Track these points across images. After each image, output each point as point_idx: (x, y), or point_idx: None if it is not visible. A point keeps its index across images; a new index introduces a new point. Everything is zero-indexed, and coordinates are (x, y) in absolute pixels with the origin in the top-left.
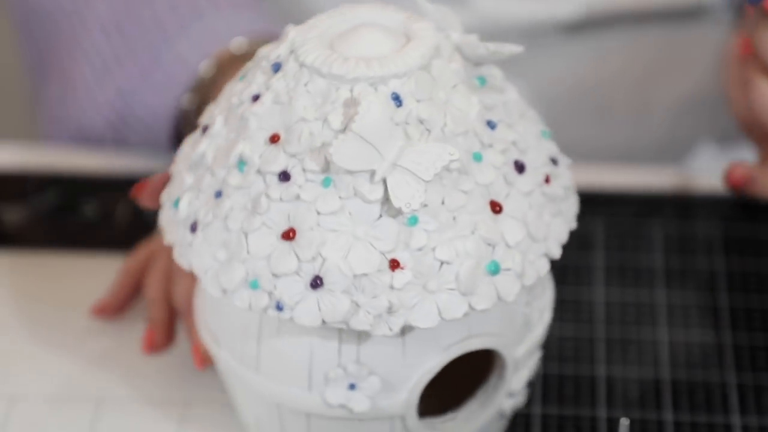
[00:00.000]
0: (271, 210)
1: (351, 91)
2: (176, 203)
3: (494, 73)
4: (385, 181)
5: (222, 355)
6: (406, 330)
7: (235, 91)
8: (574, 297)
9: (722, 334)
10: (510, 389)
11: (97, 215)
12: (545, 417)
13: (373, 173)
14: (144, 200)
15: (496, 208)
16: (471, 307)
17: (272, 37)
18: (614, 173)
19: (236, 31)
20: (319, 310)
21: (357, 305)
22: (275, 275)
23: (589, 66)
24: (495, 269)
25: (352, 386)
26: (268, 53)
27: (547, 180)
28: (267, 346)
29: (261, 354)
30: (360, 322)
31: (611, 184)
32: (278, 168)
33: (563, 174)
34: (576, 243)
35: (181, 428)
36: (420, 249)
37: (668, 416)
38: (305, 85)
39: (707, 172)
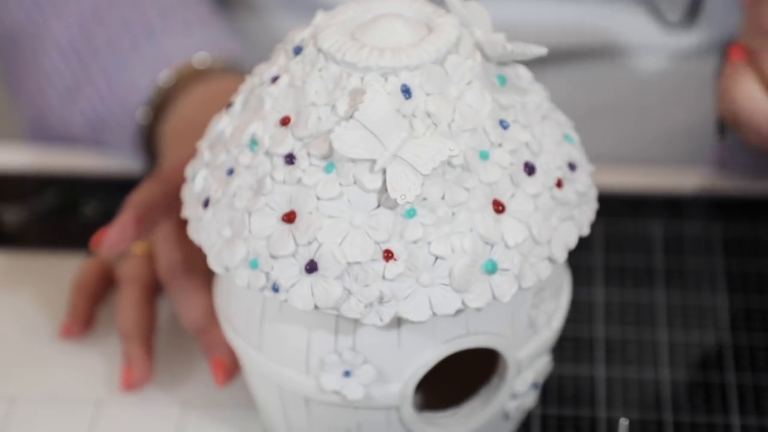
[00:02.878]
0: (274, 191)
1: (361, 79)
2: (194, 178)
3: (520, 74)
4: (384, 172)
5: (230, 334)
6: (402, 322)
7: (259, 70)
8: (574, 297)
9: (722, 335)
10: (513, 390)
11: (97, 215)
12: (545, 417)
13: (373, 163)
14: (104, 251)
15: (498, 207)
16: (464, 304)
17: (232, 57)
18: (614, 173)
19: (187, 52)
20: (312, 294)
21: (349, 292)
22: (273, 257)
23: (580, 93)
24: (492, 268)
25: (346, 373)
26: (293, 36)
27: (558, 184)
28: (269, 327)
29: (263, 334)
30: (351, 310)
31: (611, 184)
32: (285, 150)
33: (580, 179)
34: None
35: (181, 428)
36: (415, 242)
37: (668, 416)
38: (320, 70)
39: (707, 172)
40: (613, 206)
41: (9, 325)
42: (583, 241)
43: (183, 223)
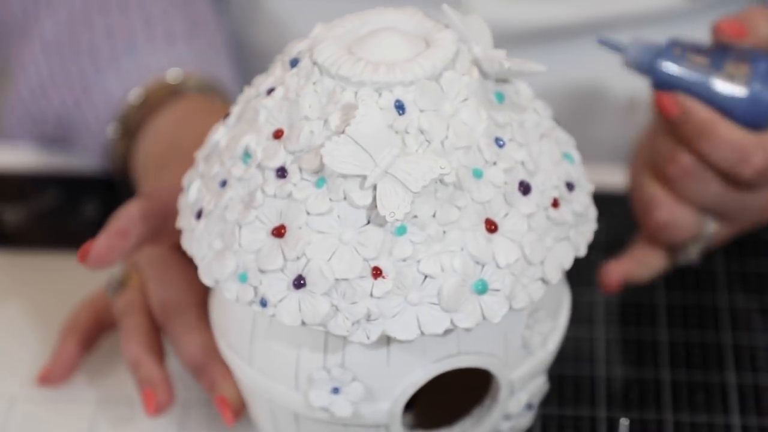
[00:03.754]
0: (265, 205)
1: (355, 94)
2: (189, 189)
3: (520, 91)
4: (375, 188)
5: (224, 348)
6: (391, 340)
7: (257, 81)
8: (573, 297)
9: (722, 334)
10: (506, 411)
11: (97, 215)
12: (545, 417)
13: (364, 179)
14: (91, 263)
15: (491, 226)
16: (453, 324)
17: (206, 72)
18: (614, 173)
19: (164, 66)
20: (300, 310)
21: (336, 309)
22: (262, 271)
23: (583, 69)
24: (482, 288)
25: (335, 390)
26: (291, 48)
27: (555, 204)
28: (259, 341)
29: (254, 348)
30: (338, 327)
31: (611, 184)
32: (276, 164)
33: (578, 199)
34: None
35: (181, 428)
36: (404, 260)
37: (668, 416)
38: (314, 83)
39: None
40: (613, 206)
41: (9, 325)
42: None
43: (171, 254)
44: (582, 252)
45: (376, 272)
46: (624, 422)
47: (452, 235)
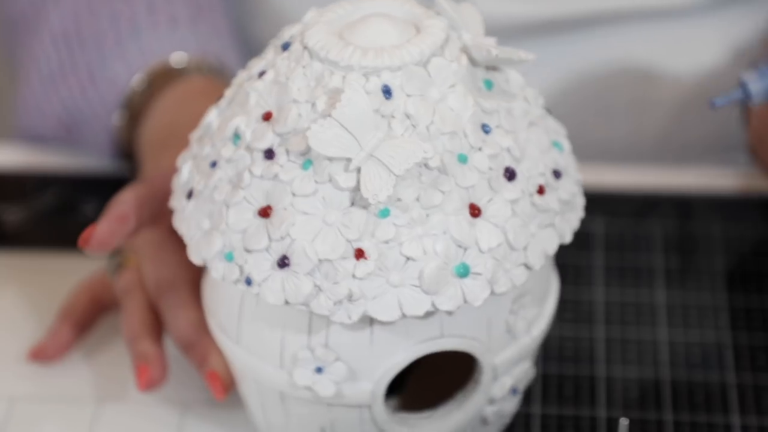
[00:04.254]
0: (252, 186)
1: (343, 78)
2: (181, 169)
3: (510, 78)
4: (359, 171)
5: (214, 328)
6: (374, 321)
7: (250, 64)
8: (574, 297)
9: (722, 334)
10: (490, 395)
11: (97, 215)
12: (545, 417)
13: (349, 161)
14: (93, 248)
15: (474, 211)
16: (434, 306)
17: (211, 59)
18: (614, 173)
19: (168, 50)
20: (283, 289)
21: (319, 289)
22: (247, 250)
23: (589, 63)
24: (464, 272)
25: (318, 369)
26: (284, 32)
27: (540, 190)
28: (247, 320)
29: (241, 327)
30: (320, 306)
31: (611, 184)
32: (264, 145)
33: (564, 187)
34: (576, 243)
35: (181, 428)
36: (386, 242)
37: (668, 416)
38: (303, 67)
39: (707, 172)
40: (613, 206)
41: (9, 325)
42: (583, 241)
43: (167, 235)
44: (567, 239)
45: (359, 253)
46: (624, 422)
47: (435, 218)
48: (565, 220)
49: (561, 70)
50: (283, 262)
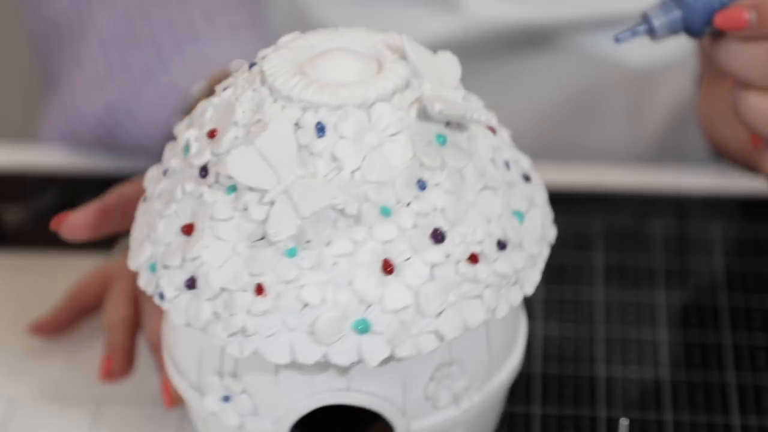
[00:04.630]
0: (183, 201)
1: (282, 108)
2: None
3: (476, 137)
4: (272, 204)
5: (162, 338)
6: None
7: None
8: (574, 297)
9: (722, 334)
10: None
11: None
12: (545, 417)
13: (264, 193)
14: (63, 232)
15: (387, 267)
16: (326, 358)
17: None
18: (614, 173)
19: (230, 57)
20: (186, 311)
21: (217, 317)
22: (164, 266)
23: (583, 68)
24: (363, 328)
25: (226, 398)
26: (262, 51)
27: (472, 259)
28: (176, 335)
29: (171, 342)
30: (216, 335)
31: (611, 184)
32: (201, 162)
33: (509, 260)
34: (576, 243)
35: (181, 428)
36: (287, 282)
37: (668, 416)
38: (253, 90)
39: (707, 172)
40: (612, 206)
41: (9, 325)
42: (583, 241)
43: None
44: (499, 314)
45: (258, 289)
46: (624, 422)
47: (343, 267)
48: (500, 294)
49: (558, 74)
50: (191, 284)
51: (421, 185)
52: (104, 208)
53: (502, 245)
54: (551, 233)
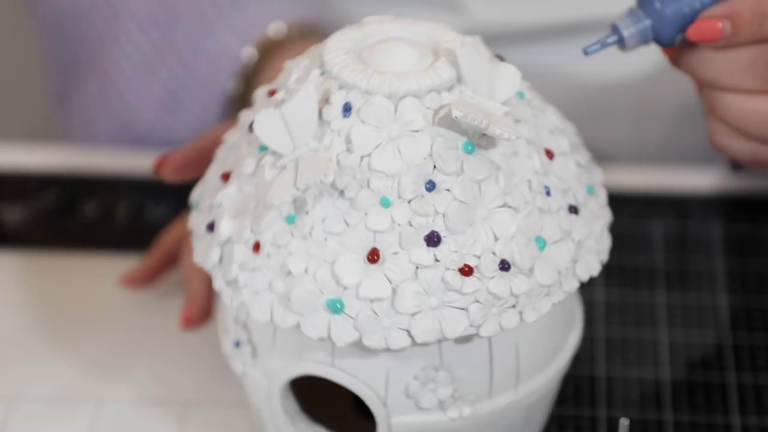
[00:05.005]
0: (230, 150)
1: (321, 82)
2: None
3: (512, 153)
4: (282, 170)
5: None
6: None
7: None
8: None
9: (722, 334)
10: None
11: (97, 215)
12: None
13: (280, 158)
14: (166, 174)
15: (373, 256)
16: (299, 326)
17: (309, 22)
18: (615, 173)
19: (276, 18)
20: (202, 250)
21: (221, 264)
22: (201, 206)
23: (589, 68)
24: (335, 308)
25: (237, 344)
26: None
27: (465, 271)
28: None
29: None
30: (217, 281)
31: (612, 185)
32: (252, 118)
33: (510, 283)
34: None
35: (181, 428)
36: (279, 247)
37: (668, 416)
38: (311, 60)
39: (707, 172)
40: (613, 206)
41: (9, 325)
42: None
43: None
44: (485, 332)
45: (256, 246)
46: (624, 422)
47: (331, 245)
48: (489, 312)
49: (561, 76)
50: (211, 227)
51: (430, 186)
52: (199, 150)
53: (505, 266)
54: (585, 272)
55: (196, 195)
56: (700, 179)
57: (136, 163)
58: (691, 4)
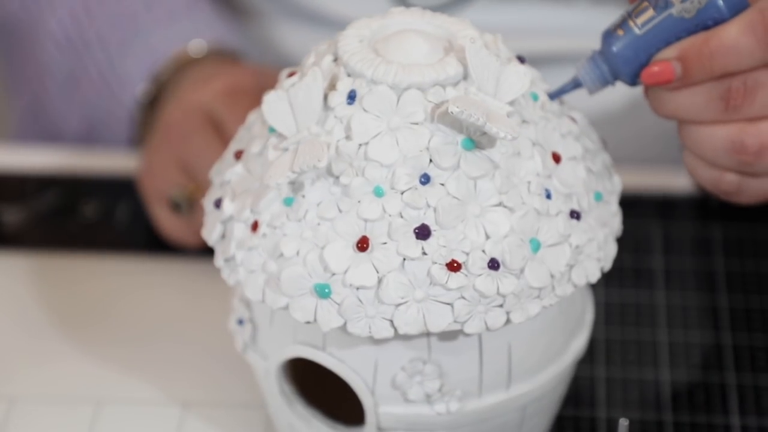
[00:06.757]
0: (246, 129)
1: (332, 68)
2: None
3: (513, 154)
4: (284, 151)
5: None
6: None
7: None
8: None
9: (722, 335)
10: None
11: (97, 215)
12: None
13: (283, 140)
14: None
15: (362, 245)
16: (287, 308)
17: (217, 41)
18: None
19: (173, 43)
20: (207, 227)
21: (221, 239)
22: (213, 182)
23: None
24: (322, 293)
25: (240, 321)
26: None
27: (453, 267)
28: None
29: None
30: (216, 258)
31: None
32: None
33: (498, 281)
34: None
35: (181, 428)
36: (275, 228)
37: (668, 417)
38: (327, 45)
39: None
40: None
41: (9, 325)
42: None
43: None
44: (470, 329)
45: (254, 226)
46: (624, 422)
47: (323, 230)
48: (474, 309)
49: (561, 79)
50: (218, 203)
51: (424, 179)
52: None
53: (494, 265)
54: (581, 277)
55: (213, 171)
56: None
57: (136, 163)
58: (647, 48)
